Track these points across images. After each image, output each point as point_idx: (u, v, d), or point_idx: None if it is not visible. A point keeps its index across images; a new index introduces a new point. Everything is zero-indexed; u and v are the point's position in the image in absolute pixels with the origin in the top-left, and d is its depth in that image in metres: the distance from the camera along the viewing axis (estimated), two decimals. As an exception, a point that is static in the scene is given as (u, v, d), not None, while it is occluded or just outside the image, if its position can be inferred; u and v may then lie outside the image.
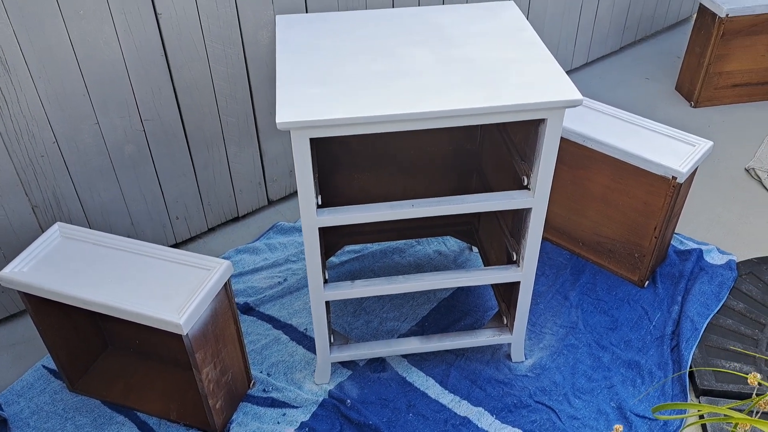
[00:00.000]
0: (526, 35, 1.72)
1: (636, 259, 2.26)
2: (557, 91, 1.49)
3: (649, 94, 3.36)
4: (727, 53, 3.06)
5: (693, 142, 2.13)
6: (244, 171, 2.48)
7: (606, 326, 2.14)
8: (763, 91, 3.23)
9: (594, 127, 2.21)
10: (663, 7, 3.68)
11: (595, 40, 3.46)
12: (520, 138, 1.74)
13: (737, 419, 1.03)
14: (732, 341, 2.06)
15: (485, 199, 1.66)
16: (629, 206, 2.19)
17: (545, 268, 2.37)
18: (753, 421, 1.06)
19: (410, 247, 2.45)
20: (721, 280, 2.26)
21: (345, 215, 1.60)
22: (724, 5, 2.92)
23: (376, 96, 1.46)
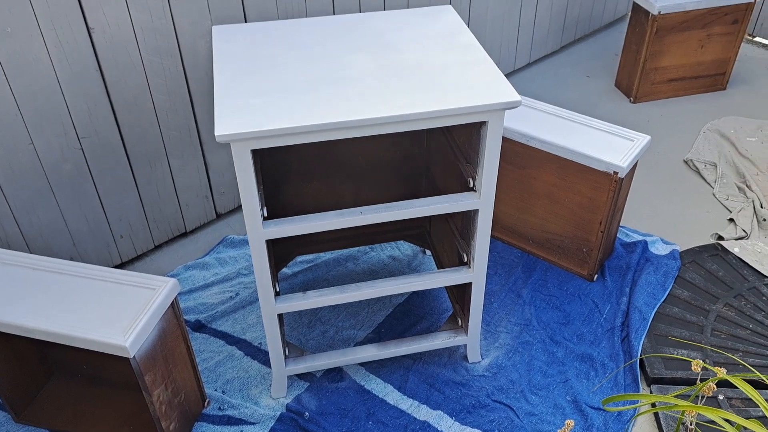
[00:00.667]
0: (464, 39, 1.74)
1: (584, 254, 2.30)
2: (496, 93, 1.50)
3: (591, 91, 3.44)
4: (662, 49, 3.16)
5: (632, 137, 2.19)
6: (190, 185, 2.43)
7: (559, 321, 2.18)
8: (697, 84, 3.35)
9: (537, 126, 2.24)
10: (599, 7, 3.78)
11: (536, 41, 3.52)
12: (463, 141, 1.75)
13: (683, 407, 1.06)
14: (679, 329, 2.12)
15: (432, 203, 1.66)
16: (575, 202, 2.23)
17: (498, 267, 2.40)
18: (698, 408, 1.09)
19: (364, 254, 2.44)
20: (666, 270, 2.33)
21: (292, 226, 1.58)
22: (657, 3, 3.01)
23: (318, 104, 1.45)
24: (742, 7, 3.12)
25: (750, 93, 3.37)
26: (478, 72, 1.58)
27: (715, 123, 3.14)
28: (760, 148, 2.95)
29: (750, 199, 2.65)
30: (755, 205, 2.60)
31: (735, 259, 2.36)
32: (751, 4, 3.11)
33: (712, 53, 3.25)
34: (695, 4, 3.04)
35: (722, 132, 3.05)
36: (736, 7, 3.11)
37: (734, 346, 2.05)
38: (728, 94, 3.36)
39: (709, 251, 2.41)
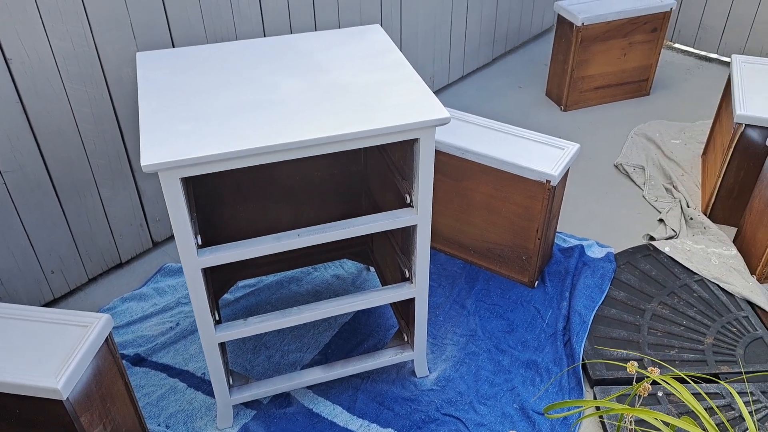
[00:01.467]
0: (393, 57, 1.75)
1: (524, 261, 2.35)
2: (426, 111, 1.52)
3: (523, 101, 3.53)
4: (587, 58, 3.28)
5: (562, 146, 2.26)
6: (123, 214, 2.36)
7: (503, 330, 2.21)
8: (622, 90, 3.49)
9: (472, 139, 2.28)
10: (527, 19, 3.89)
11: (468, 54, 3.59)
12: (398, 158, 1.76)
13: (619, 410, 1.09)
14: (617, 329, 2.18)
15: (370, 222, 1.66)
16: (511, 212, 2.28)
17: (441, 279, 2.42)
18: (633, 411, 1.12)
19: (307, 275, 2.42)
20: (603, 273, 2.40)
21: (228, 253, 1.55)
22: (580, 15, 3.13)
23: (246, 129, 1.43)
24: (660, 16, 3.27)
25: (672, 97, 3.53)
26: (407, 90, 1.60)
27: (641, 127, 3.27)
28: (683, 149, 3.08)
29: (677, 200, 2.76)
30: (682, 204, 2.72)
31: (666, 258, 2.46)
32: (668, 13, 3.27)
33: (634, 60, 3.39)
34: (616, 14, 3.17)
35: (648, 136, 3.18)
36: (654, 16, 3.25)
37: (670, 343, 2.13)
38: (652, 99, 3.51)
39: (641, 252, 2.50)
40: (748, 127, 2.40)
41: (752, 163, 2.46)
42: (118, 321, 2.22)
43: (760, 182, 2.33)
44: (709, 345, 2.11)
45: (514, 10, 3.74)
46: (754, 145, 2.42)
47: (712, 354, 2.08)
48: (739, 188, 2.54)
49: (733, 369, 2.02)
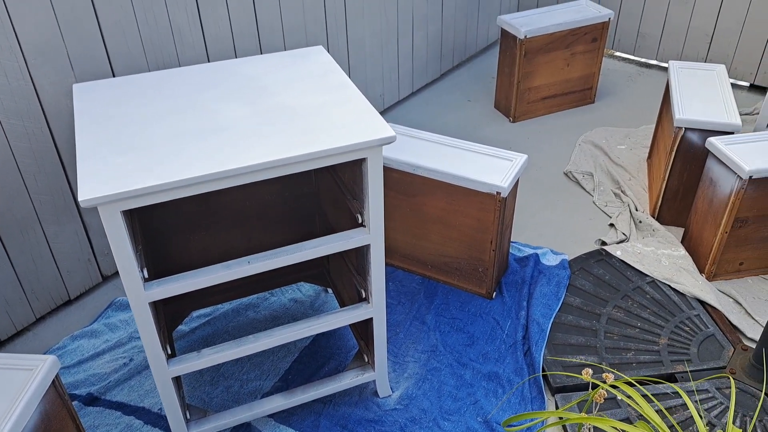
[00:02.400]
0: (337, 78, 1.75)
1: (481, 273, 2.36)
2: (371, 130, 1.52)
3: (473, 114, 3.58)
4: (532, 70, 3.35)
5: (510, 157, 2.29)
6: (69, 250, 2.28)
7: (464, 343, 2.21)
8: (568, 100, 3.57)
9: (423, 155, 2.30)
10: (472, 34, 3.96)
11: (416, 70, 3.63)
12: (348, 178, 1.76)
13: (574, 419, 1.09)
14: (575, 335, 2.21)
15: (322, 244, 1.65)
16: (465, 225, 2.29)
17: (400, 296, 2.41)
18: (589, 419, 1.13)
19: (264, 300, 2.38)
20: (558, 280, 2.43)
21: (176, 285, 1.51)
22: (522, 28, 3.19)
23: (188, 157, 1.41)
24: (599, 26, 3.36)
25: (616, 104, 3.63)
26: (352, 110, 1.60)
27: (588, 135, 3.34)
28: (629, 154, 3.16)
29: (626, 204, 2.83)
30: (631, 208, 2.78)
31: (618, 262, 2.51)
32: (607, 23, 3.37)
33: (577, 70, 3.47)
34: (557, 26, 3.25)
35: (595, 143, 3.26)
36: (593, 26, 3.35)
37: (626, 346, 2.16)
38: (597, 107, 3.60)
39: (594, 257, 2.55)
40: (687, 131, 2.48)
41: (694, 165, 2.54)
42: (69, 360, 2.14)
43: (702, 183, 2.40)
44: (664, 345, 2.16)
45: (459, 25, 3.80)
46: (695, 147, 2.50)
47: (667, 354, 2.12)
48: (683, 190, 2.61)
49: (688, 368, 2.07)
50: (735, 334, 2.19)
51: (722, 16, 3.55)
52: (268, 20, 2.60)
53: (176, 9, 2.28)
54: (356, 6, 3.00)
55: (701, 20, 3.63)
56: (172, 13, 2.28)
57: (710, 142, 2.31)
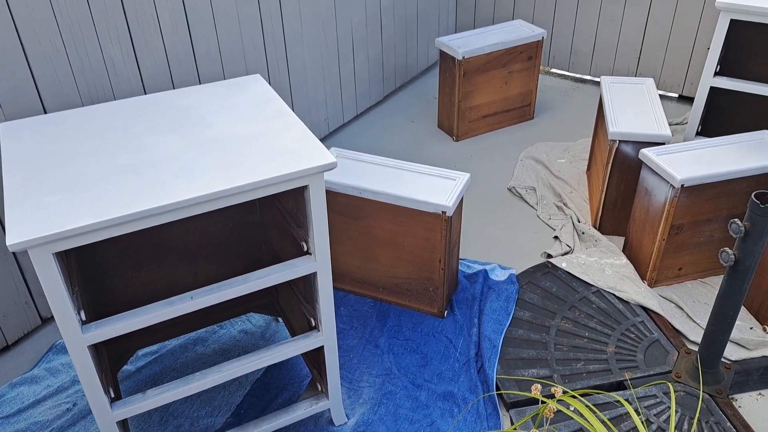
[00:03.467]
0: (275, 106, 1.75)
1: (431, 293, 2.37)
2: (311, 157, 1.52)
3: (417, 134, 3.62)
4: (472, 89, 3.42)
5: (454, 176, 2.32)
6: (5, 293, 2.18)
7: (418, 364, 2.21)
8: (508, 117, 3.65)
9: (368, 178, 2.30)
10: (412, 56, 4.02)
11: (359, 94, 3.66)
12: (291, 206, 1.74)
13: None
14: (526, 349, 2.24)
15: (268, 274, 1.63)
16: (414, 245, 2.30)
17: (353, 321, 2.40)
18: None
19: (213, 334, 2.33)
20: (507, 295, 2.46)
21: (116, 326, 1.46)
22: (460, 49, 3.26)
23: (124, 194, 1.37)
24: (533, 45, 3.46)
25: (554, 119, 3.73)
26: (292, 138, 1.60)
27: (529, 150, 3.42)
28: (569, 167, 3.25)
29: (568, 216, 2.90)
30: (573, 220, 2.85)
31: (564, 274, 2.56)
32: (540, 42, 3.47)
33: (515, 88, 3.56)
34: (493, 46, 3.33)
35: (536, 157, 3.34)
36: (528, 45, 3.45)
37: (576, 356, 2.20)
38: (536, 123, 3.70)
39: (541, 270, 2.59)
40: (621, 143, 2.57)
41: (630, 176, 2.63)
42: (8, 409, 2.04)
43: (638, 193, 2.49)
44: (612, 353, 2.21)
45: (399, 48, 3.85)
46: (629, 158, 2.59)
47: (615, 362, 2.17)
48: (621, 200, 2.70)
49: (636, 374, 2.12)
50: (678, 339, 2.26)
51: (648, 32, 3.72)
52: (205, 49, 2.58)
53: (108, 41, 2.23)
54: (295, 31, 3.01)
55: (629, 36, 3.79)
56: (105, 45, 2.23)
57: (643, 154, 2.40)
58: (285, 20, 2.92)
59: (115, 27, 2.24)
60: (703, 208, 2.35)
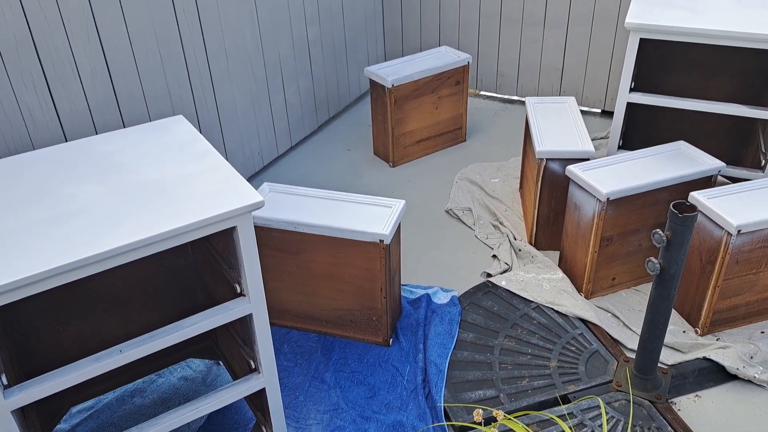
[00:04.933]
0: (199, 147, 1.72)
1: (375, 322, 2.36)
2: (238, 197, 1.50)
3: (354, 162, 3.63)
4: (404, 116, 3.46)
5: (389, 204, 2.33)
6: None
7: (365, 396, 2.18)
8: (442, 140, 3.71)
9: (303, 212, 2.29)
10: (344, 84, 4.05)
11: (292, 125, 3.65)
12: (222, 247, 1.71)
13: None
14: (471, 371, 2.25)
15: (201, 320, 1.59)
16: (354, 276, 2.30)
17: (297, 357, 2.36)
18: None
19: (151, 383, 2.24)
20: (450, 318, 2.48)
21: (41, 387, 1.39)
22: (389, 77, 3.31)
23: (44, 247, 1.31)
24: (460, 70, 3.55)
25: (485, 140, 3.82)
26: (217, 179, 1.57)
27: (464, 172, 3.48)
28: (503, 186, 3.32)
29: (505, 234, 2.95)
30: (510, 238, 2.91)
31: (504, 292, 2.60)
32: (467, 66, 3.56)
33: (446, 112, 3.63)
34: (421, 73, 3.39)
35: (471, 179, 3.40)
36: (455, 70, 3.53)
37: (520, 374, 2.23)
38: (468, 144, 3.77)
39: (482, 290, 2.62)
40: (549, 161, 2.65)
41: (559, 192, 2.70)
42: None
43: (568, 208, 2.56)
44: (555, 368, 2.24)
45: (330, 78, 3.88)
46: (557, 175, 2.67)
47: (558, 376, 2.21)
48: (553, 216, 2.77)
49: (579, 387, 2.16)
50: (617, 347, 2.32)
51: (568, 53, 3.87)
52: (127, 90, 2.52)
53: (23, 88, 2.16)
54: (221, 67, 2.99)
55: (551, 57, 3.93)
56: (19, 92, 2.15)
57: (569, 170, 2.48)
58: (210, 57, 2.90)
59: (30, 74, 2.17)
60: (630, 219, 2.43)
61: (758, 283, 2.29)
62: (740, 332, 2.35)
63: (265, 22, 3.20)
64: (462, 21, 4.09)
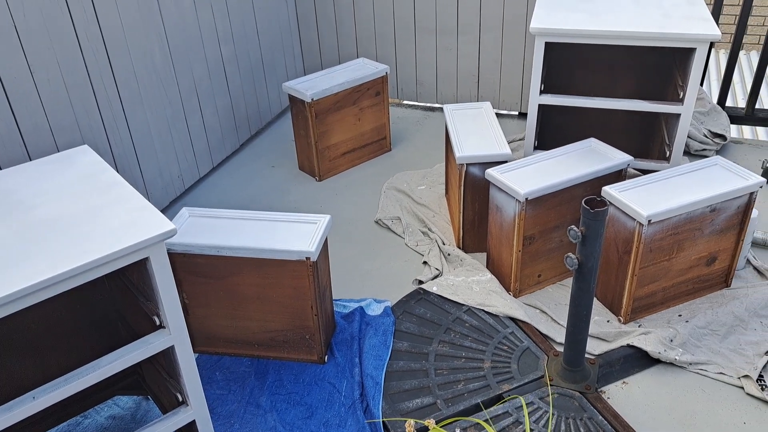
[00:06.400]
0: (106, 178, 1.66)
1: (308, 340, 2.34)
2: (148, 227, 1.45)
3: (280, 179, 3.59)
4: (327, 129, 3.45)
5: (314, 220, 2.31)
6: None
7: (303, 417, 2.15)
8: (367, 151, 3.72)
9: (226, 235, 2.24)
10: (264, 101, 4.00)
11: (213, 145, 3.58)
12: (137, 279, 1.65)
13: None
14: (408, 380, 2.26)
15: (120, 357, 1.52)
16: (283, 295, 2.26)
17: (230, 384, 2.30)
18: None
19: (77, 426, 2.13)
20: (384, 328, 2.48)
21: (-58, 448, 1.30)
22: (308, 92, 3.29)
23: (-68, 300, 1.23)
24: (379, 81, 3.57)
25: (410, 148, 3.86)
26: (126, 210, 1.52)
27: (391, 181, 3.50)
28: (430, 193, 3.36)
29: (434, 240, 2.98)
30: (439, 243, 2.94)
31: (436, 297, 2.62)
32: (385, 77, 3.59)
33: (369, 123, 3.65)
34: (340, 86, 3.40)
35: (398, 187, 3.42)
36: (374, 81, 3.55)
37: (456, 378, 2.25)
38: (394, 154, 3.80)
39: (414, 297, 2.64)
40: (469, 166, 2.70)
41: (482, 195, 2.76)
42: None
43: (491, 210, 2.62)
44: (489, 369, 2.28)
45: (249, 95, 3.83)
46: (478, 179, 2.72)
47: (492, 376, 2.24)
48: (478, 218, 2.82)
49: (513, 385, 2.20)
50: (546, 343, 2.38)
51: (482, 59, 3.97)
52: (31, 122, 2.40)
53: None
54: (132, 92, 2.90)
55: (466, 64, 4.02)
56: None
57: (488, 174, 2.53)
58: (119, 82, 2.80)
59: None
60: (549, 217, 2.51)
61: (672, 269, 2.41)
62: (660, 317, 2.45)
63: (175, 43, 3.13)
64: (378, 32, 4.13)
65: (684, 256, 2.40)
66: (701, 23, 2.66)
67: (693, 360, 2.26)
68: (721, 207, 2.35)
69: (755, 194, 2.38)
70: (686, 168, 2.48)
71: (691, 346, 2.31)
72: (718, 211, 2.36)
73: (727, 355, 2.28)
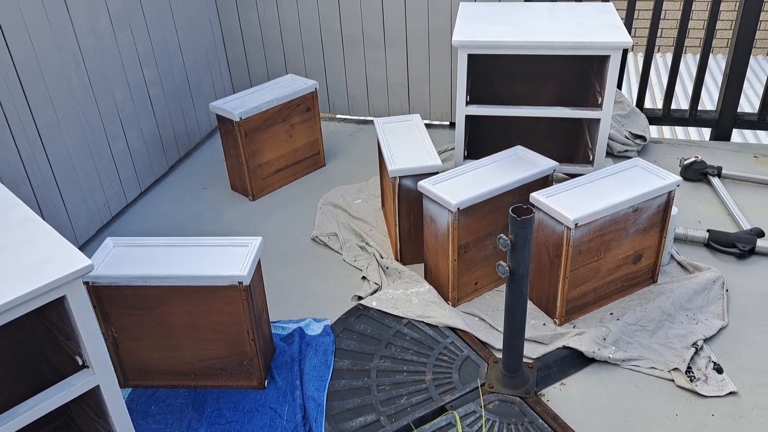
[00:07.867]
0: (18, 213, 1.57)
1: (246, 366, 2.28)
2: (64, 265, 1.38)
3: (212, 200, 3.52)
4: (257, 148, 3.40)
5: (245, 242, 2.27)
6: None
7: (244, 445, 2.10)
8: (301, 168, 3.69)
9: (153, 264, 2.17)
10: (192, 122, 3.92)
11: (140, 170, 3.47)
12: (56, 317, 1.57)
13: None
14: (350, 399, 2.23)
15: (41, 401, 1.44)
16: (217, 322, 2.20)
17: (167, 417, 2.22)
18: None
19: (1, 477, 2.01)
20: (325, 348, 2.45)
21: None
22: (235, 111, 3.24)
23: None
24: (308, 97, 3.55)
25: (344, 162, 3.85)
26: (40, 246, 1.44)
27: (327, 196, 3.48)
28: (366, 206, 3.36)
29: (372, 254, 2.98)
30: (377, 257, 2.94)
31: (376, 312, 2.61)
32: (315, 92, 3.57)
33: (301, 139, 3.62)
34: (268, 103, 3.36)
35: (334, 202, 3.40)
36: (303, 97, 3.53)
37: (398, 393, 2.24)
38: (328, 169, 3.78)
39: (354, 314, 2.62)
40: (402, 178, 2.71)
41: (416, 206, 2.77)
42: None
43: (425, 221, 2.63)
44: (430, 381, 2.28)
45: (175, 116, 3.74)
46: (412, 191, 2.74)
47: (434, 388, 2.25)
48: (414, 230, 2.84)
49: (455, 395, 2.21)
50: (486, 350, 2.40)
51: (411, 71, 4.01)
52: (-64, 156, 2.27)
53: None
54: (49, 120, 2.78)
55: (396, 76, 4.05)
56: None
57: (421, 185, 2.55)
58: (34, 111, 2.68)
59: None
60: (482, 225, 2.54)
61: (601, 269, 2.48)
62: (592, 317, 2.52)
63: (93, 67, 3.02)
64: (305, 46, 4.11)
65: (611, 256, 2.48)
66: (614, 31, 2.77)
67: (625, 357, 2.33)
68: (642, 206, 2.44)
69: (673, 192, 2.49)
70: (609, 170, 2.56)
71: (623, 343, 2.38)
72: (641, 211, 2.45)
73: (657, 349, 2.37)
